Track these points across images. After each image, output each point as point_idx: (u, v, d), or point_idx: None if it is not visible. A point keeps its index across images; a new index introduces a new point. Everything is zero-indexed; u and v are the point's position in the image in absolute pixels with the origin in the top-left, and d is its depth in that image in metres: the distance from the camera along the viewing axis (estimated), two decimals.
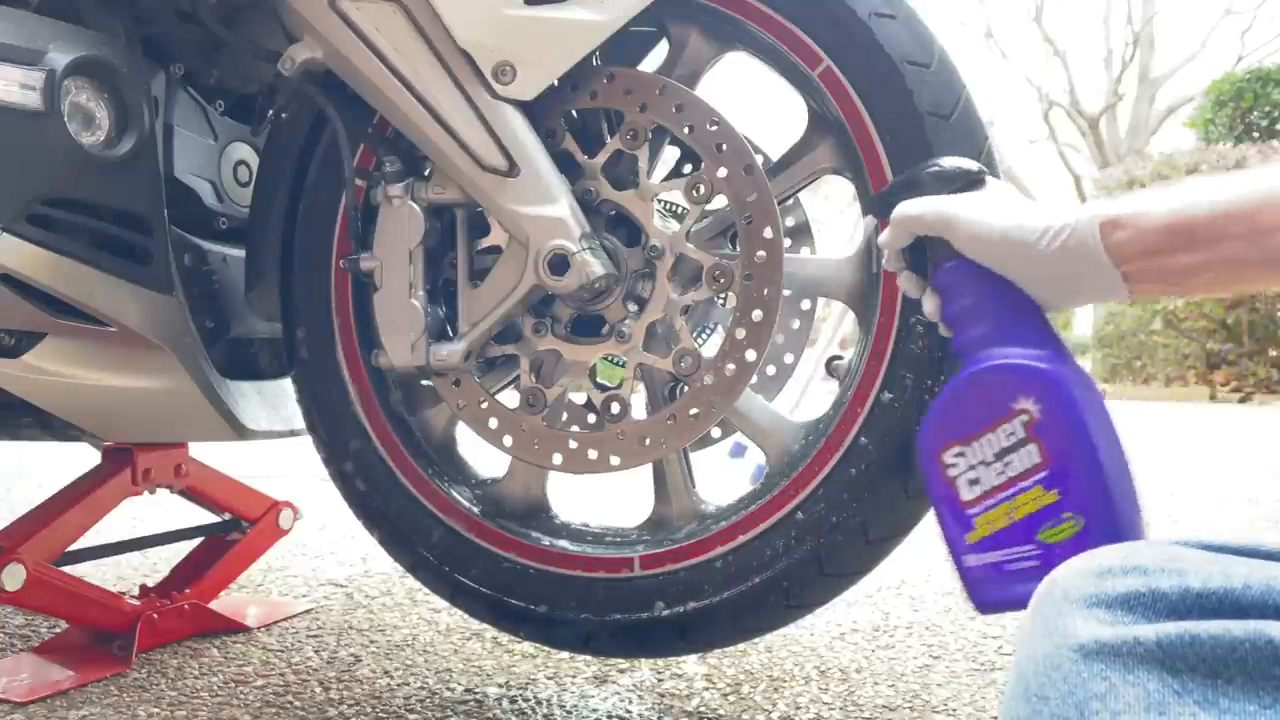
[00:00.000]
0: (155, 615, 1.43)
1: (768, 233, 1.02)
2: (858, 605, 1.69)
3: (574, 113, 1.10)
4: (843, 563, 1.06)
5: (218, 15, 1.12)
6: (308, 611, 1.64)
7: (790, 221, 1.26)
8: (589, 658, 1.38)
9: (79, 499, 1.41)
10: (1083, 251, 0.68)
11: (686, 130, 1.03)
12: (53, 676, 1.30)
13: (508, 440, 1.10)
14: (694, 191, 1.04)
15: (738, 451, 3.68)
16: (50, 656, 1.37)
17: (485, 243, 1.11)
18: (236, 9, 1.14)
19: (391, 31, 1.03)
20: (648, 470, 1.15)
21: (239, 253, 1.28)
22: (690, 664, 1.37)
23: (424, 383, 1.23)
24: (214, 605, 1.54)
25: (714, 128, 1.02)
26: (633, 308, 1.09)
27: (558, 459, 1.08)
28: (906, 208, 0.78)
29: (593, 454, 1.07)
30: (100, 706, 1.21)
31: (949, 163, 0.79)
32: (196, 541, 1.65)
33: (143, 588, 1.52)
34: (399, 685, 1.29)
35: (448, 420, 1.25)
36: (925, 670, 1.37)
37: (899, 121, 1.02)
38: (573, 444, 1.08)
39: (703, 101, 1.03)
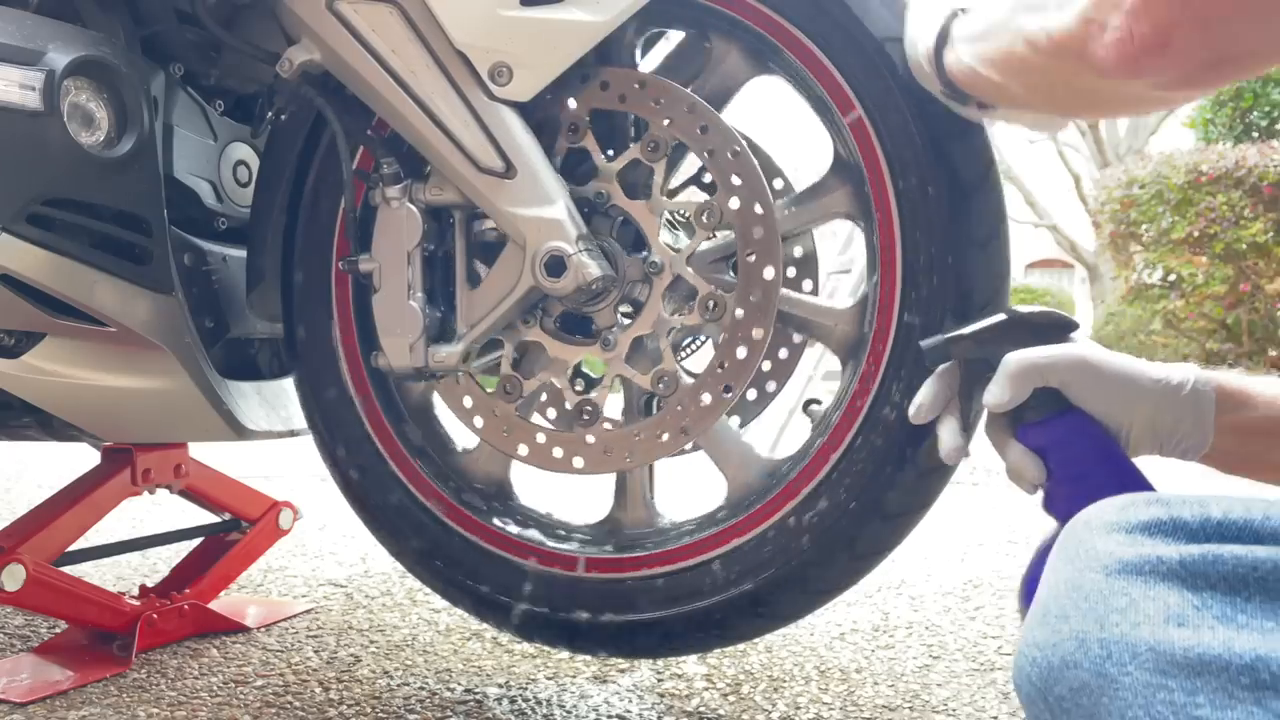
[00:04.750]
0: (155, 615, 1.43)
1: (768, 273, 1.01)
2: (858, 605, 1.69)
3: (587, 116, 1.09)
4: (781, 606, 1.08)
5: (217, 16, 1.12)
6: (308, 611, 1.64)
7: (798, 251, 1.24)
8: (588, 658, 1.38)
9: (79, 499, 1.41)
10: (1195, 409, 0.73)
11: (707, 154, 1.02)
12: (52, 677, 1.30)
13: (478, 422, 1.10)
14: (703, 217, 1.03)
15: None
16: (50, 657, 1.37)
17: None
18: (235, 10, 1.14)
19: (388, 33, 1.03)
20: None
21: (239, 253, 1.28)
22: (690, 664, 1.37)
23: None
24: (214, 605, 1.54)
25: (734, 157, 1.02)
26: (624, 320, 1.09)
27: (523, 450, 1.09)
28: (1033, 357, 0.73)
29: (558, 452, 1.08)
30: (100, 707, 1.21)
31: (1040, 312, 0.76)
32: (196, 542, 1.65)
33: (142, 588, 1.52)
34: (399, 685, 1.29)
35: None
36: (925, 670, 1.37)
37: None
38: (540, 438, 1.08)
39: (728, 127, 1.02)
